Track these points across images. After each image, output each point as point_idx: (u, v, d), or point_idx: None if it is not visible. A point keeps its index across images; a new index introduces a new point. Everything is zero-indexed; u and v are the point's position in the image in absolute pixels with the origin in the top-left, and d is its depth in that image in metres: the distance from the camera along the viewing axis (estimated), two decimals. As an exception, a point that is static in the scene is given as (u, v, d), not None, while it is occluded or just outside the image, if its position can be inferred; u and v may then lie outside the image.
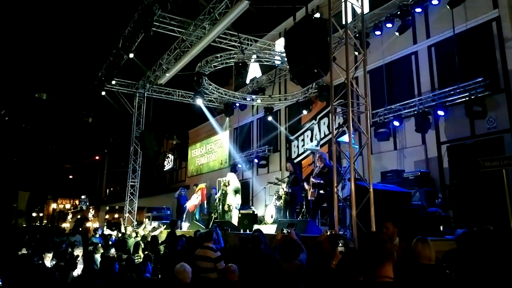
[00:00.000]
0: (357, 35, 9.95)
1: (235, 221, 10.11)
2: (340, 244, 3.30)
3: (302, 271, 3.66)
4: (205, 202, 12.27)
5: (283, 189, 9.33)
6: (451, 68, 9.52)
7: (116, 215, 26.74)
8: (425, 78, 10.53)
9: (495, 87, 8.75)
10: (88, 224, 26.14)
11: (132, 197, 15.50)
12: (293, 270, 3.61)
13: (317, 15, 13.07)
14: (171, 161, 27.00)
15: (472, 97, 8.64)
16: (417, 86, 10.74)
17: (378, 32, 10.83)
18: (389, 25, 10.48)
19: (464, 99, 8.88)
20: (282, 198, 9.32)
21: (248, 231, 8.39)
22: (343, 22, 6.46)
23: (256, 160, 16.27)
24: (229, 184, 10.77)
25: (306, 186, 7.88)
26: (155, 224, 12.75)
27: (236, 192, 10.67)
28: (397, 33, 10.48)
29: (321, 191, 7.42)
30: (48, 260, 7.03)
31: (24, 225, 30.33)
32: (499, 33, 9.00)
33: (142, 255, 7.99)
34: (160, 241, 9.24)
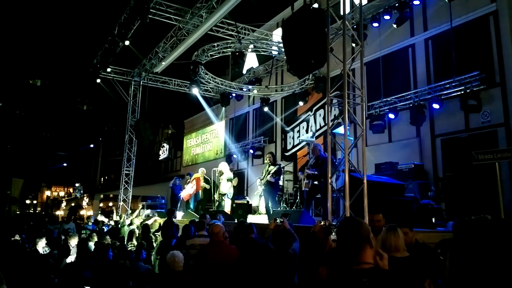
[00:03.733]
0: (355, 26, 9.90)
1: (227, 210, 10.16)
2: (333, 233, 3.33)
3: (296, 260, 3.70)
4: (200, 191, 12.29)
5: (263, 178, 9.30)
6: (447, 61, 9.53)
7: (110, 204, 26.75)
8: (421, 71, 10.54)
9: (490, 81, 8.77)
10: (82, 212, 26.14)
11: (126, 185, 15.48)
12: (286, 259, 3.63)
13: (315, 5, 12.97)
14: (166, 150, 26.95)
15: (468, 90, 8.67)
16: (413, 79, 10.75)
17: (375, 24, 10.78)
18: (387, 17, 10.43)
19: (459, 93, 8.91)
20: (262, 188, 9.36)
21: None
22: (341, 13, 6.42)
23: (251, 151, 16.27)
24: (222, 174, 10.80)
25: (301, 176, 7.92)
26: (147, 211, 12.79)
27: (228, 181, 10.69)
28: (394, 25, 10.46)
29: (315, 182, 7.46)
30: (41, 247, 7.04)
31: (17, 212, 30.24)
32: (496, 27, 9.00)
33: (135, 243, 8.01)
34: (154, 230, 9.27)
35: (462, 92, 8.79)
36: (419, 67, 10.64)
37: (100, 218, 13.27)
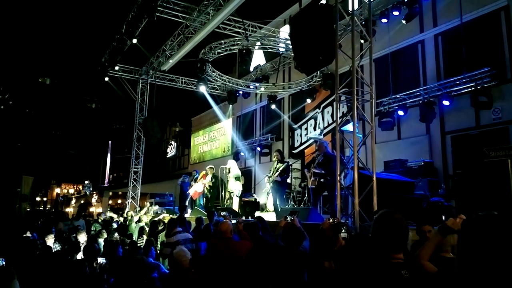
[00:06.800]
0: (364, 22, 9.81)
1: (235, 207, 10.16)
2: (343, 231, 3.30)
3: (306, 258, 3.68)
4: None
5: (271, 176, 9.26)
6: (457, 57, 9.40)
7: (119, 201, 26.96)
8: (431, 67, 10.42)
9: (501, 77, 8.65)
10: (92, 209, 26.41)
11: (135, 183, 15.57)
12: (297, 257, 3.62)
13: (323, 1, 12.89)
14: (174, 148, 27.06)
15: (478, 87, 8.56)
16: (422, 75, 10.64)
17: (384, 20, 10.67)
18: (396, 12, 10.31)
19: (470, 89, 8.79)
20: (269, 185, 9.33)
21: (250, 218, 8.43)
22: (350, 9, 6.37)
23: (258, 148, 16.27)
24: (229, 171, 10.79)
25: (307, 174, 7.87)
26: (155, 207, 12.83)
27: (236, 179, 10.68)
28: (403, 21, 10.34)
29: (322, 180, 7.41)
30: (51, 243, 7.12)
31: (28, 210, 30.60)
32: (507, 22, 8.86)
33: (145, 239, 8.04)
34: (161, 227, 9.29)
35: (473, 88, 8.68)
36: (428, 63, 10.52)
37: (109, 213, 13.33)
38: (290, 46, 9.71)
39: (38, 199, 42.39)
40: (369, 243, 2.34)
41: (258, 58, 16.53)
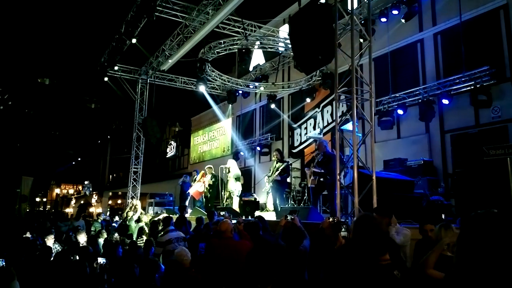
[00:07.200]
0: (363, 21, 9.82)
1: (235, 207, 10.16)
2: (343, 229, 3.31)
3: (306, 257, 3.69)
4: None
5: (271, 175, 9.27)
6: (456, 56, 9.41)
7: (119, 201, 26.95)
8: (430, 66, 10.43)
9: (501, 76, 8.66)
10: (91, 210, 26.40)
11: (135, 183, 15.56)
12: (297, 256, 3.63)
13: (323, 0, 12.87)
14: (173, 148, 27.05)
15: (478, 85, 8.56)
16: (422, 74, 10.65)
17: (384, 19, 10.68)
18: (395, 11, 10.33)
19: (469, 88, 8.80)
20: (269, 185, 9.34)
21: (250, 218, 8.44)
22: (349, 8, 6.37)
23: (258, 148, 16.28)
24: (229, 171, 10.78)
25: (307, 173, 7.88)
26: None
27: (236, 179, 10.68)
28: (403, 20, 10.34)
29: (322, 179, 7.42)
30: (50, 244, 7.12)
31: (27, 210, 30.59)
32: (507, 21, 8.87)
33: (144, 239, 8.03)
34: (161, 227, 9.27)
35: (472, 87, 8.68)
36: (428, 62, 10.52)
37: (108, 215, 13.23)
38: (290, 46, 9.71)
39: (38, 199, 42.35)
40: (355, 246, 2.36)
41: (257, 58, 16.52)
